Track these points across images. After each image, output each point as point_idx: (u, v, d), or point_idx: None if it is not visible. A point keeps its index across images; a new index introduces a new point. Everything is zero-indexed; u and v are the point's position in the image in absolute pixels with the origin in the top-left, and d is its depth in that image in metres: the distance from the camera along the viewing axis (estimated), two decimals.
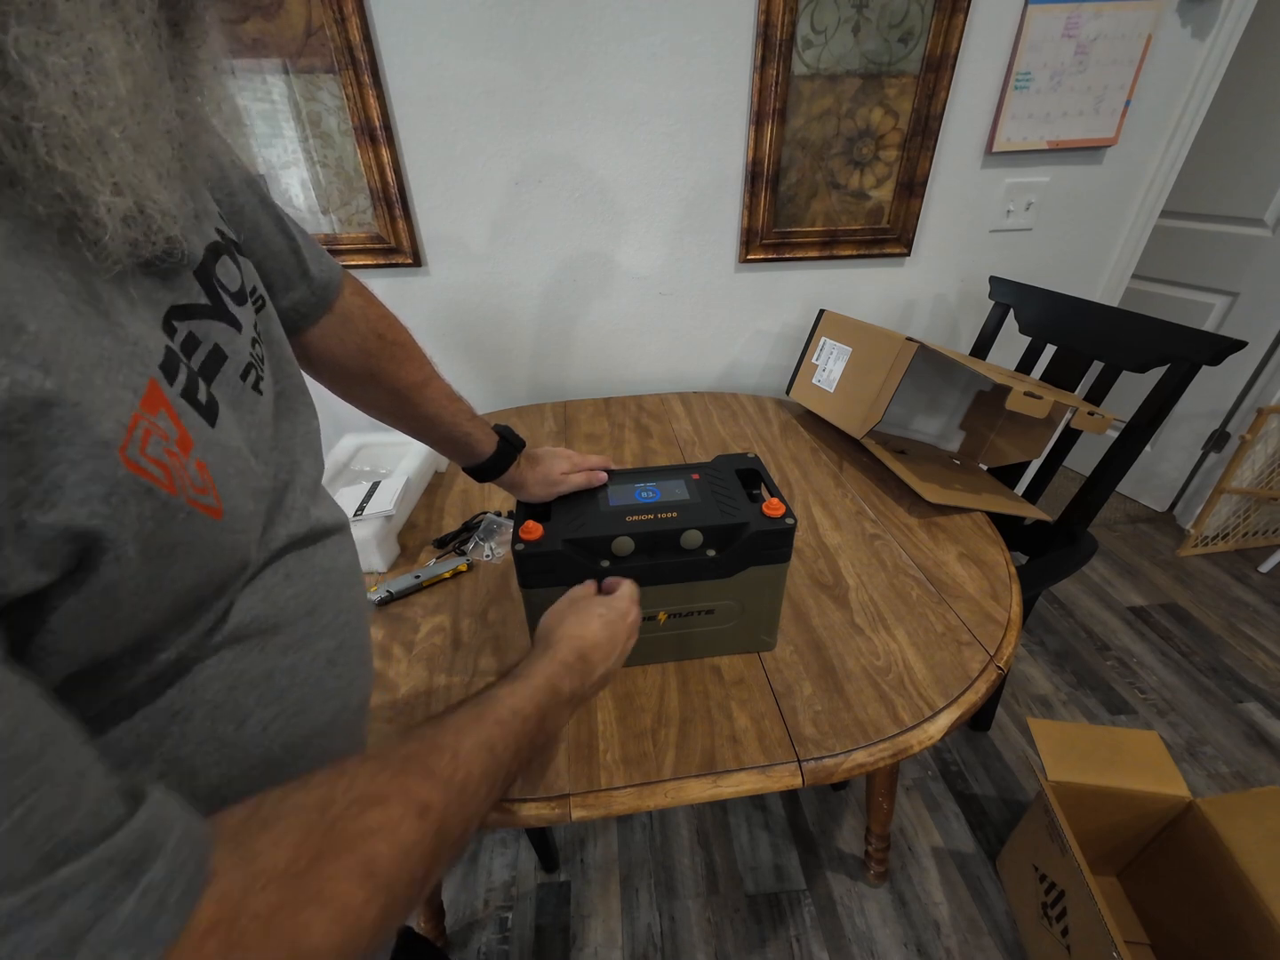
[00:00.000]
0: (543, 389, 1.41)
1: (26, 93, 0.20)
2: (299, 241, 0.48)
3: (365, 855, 0.24)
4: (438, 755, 0.30)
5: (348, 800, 0.25)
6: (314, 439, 0.43)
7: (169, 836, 0.20)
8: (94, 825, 0.19)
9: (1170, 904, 0.93)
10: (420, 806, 0.27)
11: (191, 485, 0.25)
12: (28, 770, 0.18)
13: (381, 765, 0.28)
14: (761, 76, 1.09)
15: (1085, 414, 0.89)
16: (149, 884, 0.19)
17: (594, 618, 0.47)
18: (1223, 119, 1.52)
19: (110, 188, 0.22)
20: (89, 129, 0.21)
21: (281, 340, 0.42)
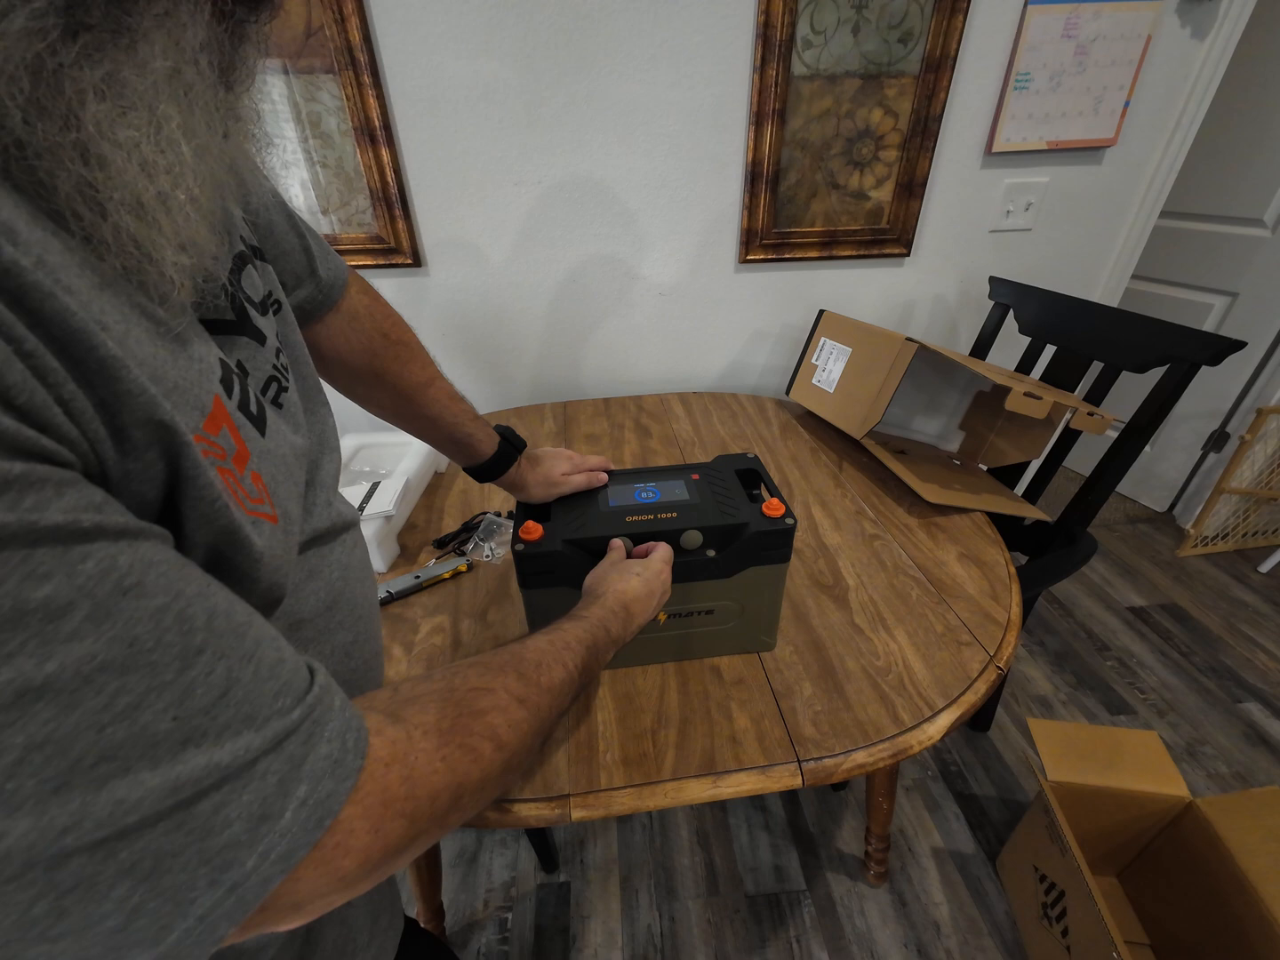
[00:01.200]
0: (542, 389, 1.41)
1: (103, 164, 0.21)
2: (309, 240, 0.48)
3: (489, 724, 0.31)
4: (526, 665, 0.37)
5: (465, 688, 0.32)
6: (331, 435, 0.44)
7: (336, 698, 0.25)
8: (296, 679, 0.24)
9: (1170, 904, 0.93)
10: (519, 697, 0.34)
11: (249, 497, 0.27)
12: (249, 634, 0.23)
13: (485, 668, 0.35)
14: (761, 77, 1.09)
15: (1085, 414, 0.89)
16: (333, 731, 0.24)
17: (633, 575, 0.52)
18: (1222, 119, 1.52)
19: (176, 246, 0.24)
20: (156, 194, 0.23)
21: (299, 343, 0.42)
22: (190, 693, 0.20)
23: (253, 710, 0.22)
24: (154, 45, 0.22)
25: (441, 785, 0.27)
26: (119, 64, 0.21)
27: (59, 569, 0.17)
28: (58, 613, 0.17)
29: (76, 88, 0.20)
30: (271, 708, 0.22)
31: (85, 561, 0.18)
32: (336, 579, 0.39)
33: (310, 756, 0.23)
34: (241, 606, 0.24)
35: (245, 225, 0.38)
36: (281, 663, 0.24)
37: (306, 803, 0.22)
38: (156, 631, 0.19)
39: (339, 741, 0.24)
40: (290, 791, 0.22)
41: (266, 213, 0.44)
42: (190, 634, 0.20)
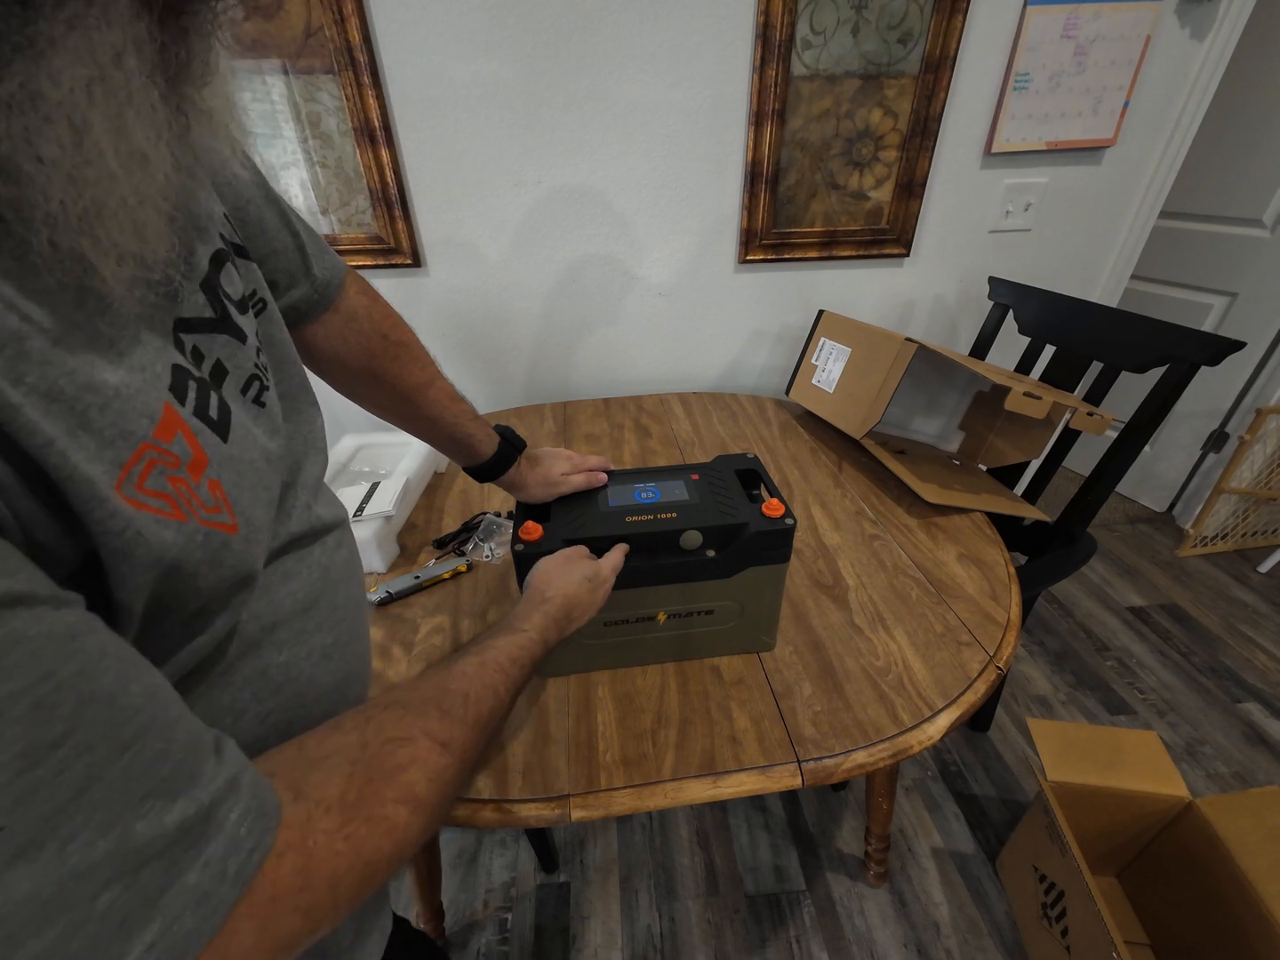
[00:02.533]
0: (542, 389, 1.41)
1: (25, 179, 0.20)
2: (304, 239, 0.48)
3: (404, 783, 0.29)
4: (451, 699, 0.34)
5: (380, 740, 0.29)
6: (317, 437, 0.43)
7: (245, 776, 0.23)
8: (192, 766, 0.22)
9: (1170, 904, 0.93)
10: (442, 743, 0.31)
11: (203, 506, 0.26)
12: (134, 720, 0.20)
13: (403, 710, 0.32)
14: (761, 77, 1.09)
15: (1084, 414, 0.89)
16: (213, 854, 0.21)
17: (580, 579, 0.52)
18: (1221, 120, 1.52)
19: (115, 257, 0.23)
20: (87, 205, 0.22)
21: (284, 342, 0.41)
22: (29, 797, 0.17)
23: (111, 817, 0.19)
24: (66, 52, 0.20)
25: (344, 867, 0.25)
26: (30, 75, 0.20)
27: None
28: None
29: None
30: (138, 812, 0.19)
31: None
32: (315, 580, 0.38)
33: (173, 888, 0.20)
34: (138, 687, 0.21)
35: (227, 223, 0.37)
36: (164, 755, 0.21)
37: (155, 946, 0.19)
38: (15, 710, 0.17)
39: (217, 868, 0.21)
40: (134, 933, 0.19)
41: (256, 209, 0.43)
42: (48, 724, 0.18)
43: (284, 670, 0.35)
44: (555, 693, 0.65)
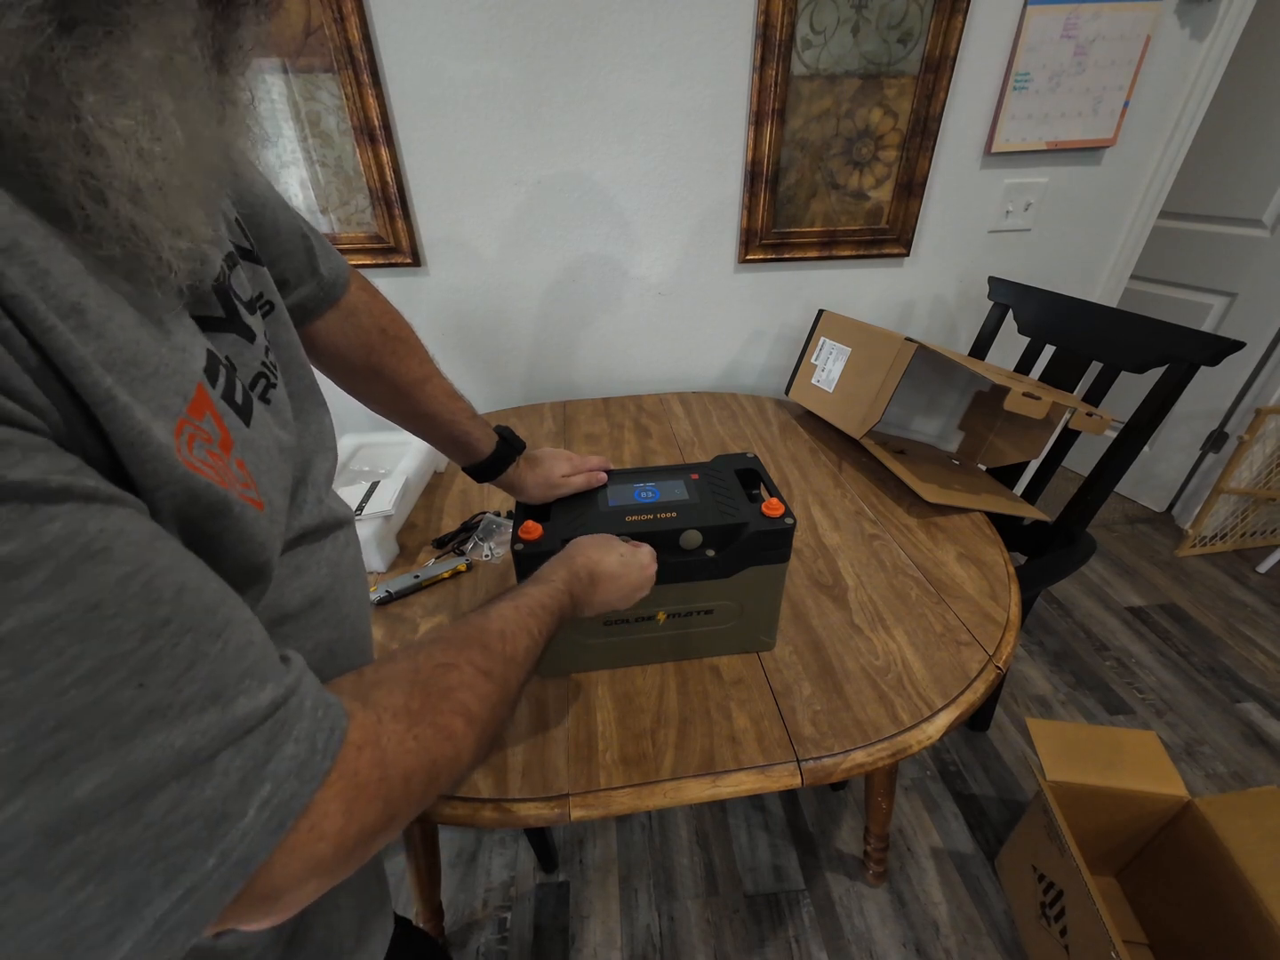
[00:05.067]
0: (542, 389, 1.41)
1: (101, 153, 0.21)
2: (312, 241, 0.49)
3: (458, 700, 0.31)
4: (489, 636, 0.37)
5: (430, 666, 0.32)
6: (326, 435, 0.44)
7: (308, 697, 0.25)
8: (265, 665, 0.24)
9: (1169, 904, 0.93)
10: (485, 671, 0.34)
11: (236, 481, 0.27)
12: (220, 612, 0.23)
13: (449, 644, 0.35)
14: (761, 77, 1.09)
15: (1084, 414, 0.89)
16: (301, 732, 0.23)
17: (614, 553, 0.52)
18: (1221, 120, 1.52)
19: (172, 231, 0.25)
20: (152, 180, 0.23)
21: (293, 344, 0.42)
22: (154, 664, 0.19)
23: (218, 688, 0.21)
24: (144, 35, 0.22)
25: (415, 765, 0.28)
26: (112, 55, 0.21)
27: (22, 527, 0.17)
28: (18, 571, 0.17)
29: (74, 80, 0.20)
30: (237, 688, 0.22)
31: (51, 522, 0.17)
32: (324, 576, 0.39)
33: (275, 757, 0.22)
34: (215, 585, 0.23)
35: (238, 226, 0.38)
36: (250, 644, 0.23)
37: (269, 803, 0.22)
38: (120, 599, 0.19)
39: (307, 743, 0.23)
40: (253, 790, 0.21)
41: (271, 212, 0.44)
42: (156, 604, 0.20)
43: None
44: (555, 692, 0.65)
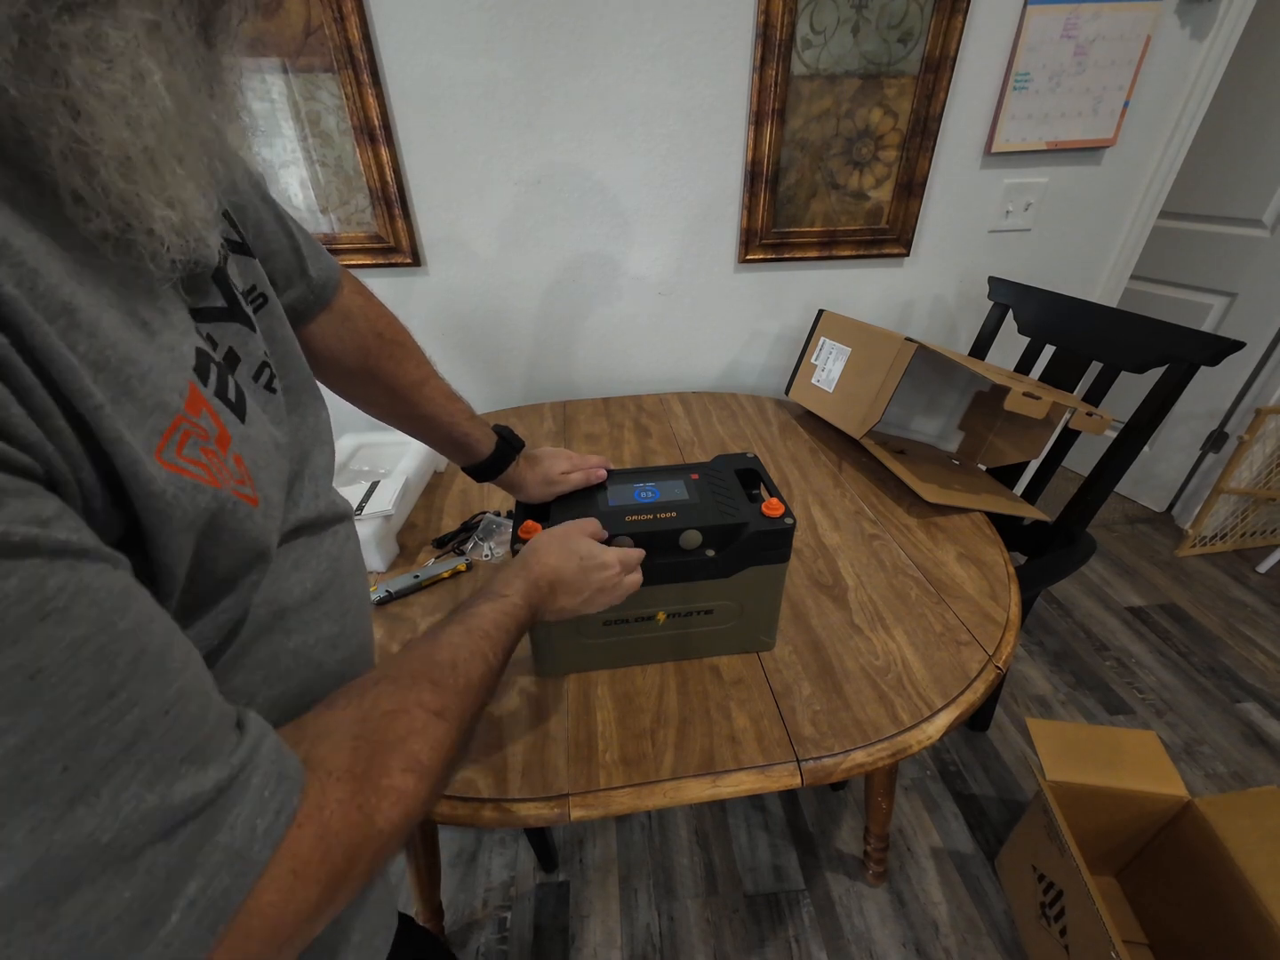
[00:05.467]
0: (542, 389, 1.41)
1: (90, 120, 0.21)
2: (299, 240, 0.48)
3: (408, 753, 0.30)
4: (440, 670, 0.35)
5: (378, 714, 0.30)
6: (323, 429, 0.43)
7: (257, 771, 0.23)
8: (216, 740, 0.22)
9: (1168, 904, 0.93)
10: (436, 712, 0.32)
11: (232, 477, 0.27)
12: (176, 682, 0.21)
13: (394, 684, 0.33)
14: (761, 77, 1.09)
15: (1084, 414, 0.89)
16: (238, 817, 0.22)
17: (574, 558, 0.50)
18: (1221, 120, 1.52)
19: (164, 202, 0.24)
20: (142, 148, 0.23)
21: (287, 338, 0.42)
22: (90, 741, 0.18)
23: (157, 771, 0.19)
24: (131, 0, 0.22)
25: (360, 839, 0.26)
26: (99, 19, 0.21)
27: None
28: None
29: (60, 43, 0.20)
30: (177, 772, 0.20)
31: (7, 579, 0.16)
32: (325, 570, 0.38)
33: (206, 846, 0.20)
34: (180, 651, 0.22)
35: (225, 219, 0.38)
36: (202, 719, 0.22)
37: (196, 903, 0.20)
38: (67, 665, 0.17)
39: (245, 830, 0.21)
40: (179, 890, 0.19)
41: (255, 211, 0.43)
42: (108, 672, 0.19)
43: (294, 656, 0.35)
44: (555, 692, 0.65)
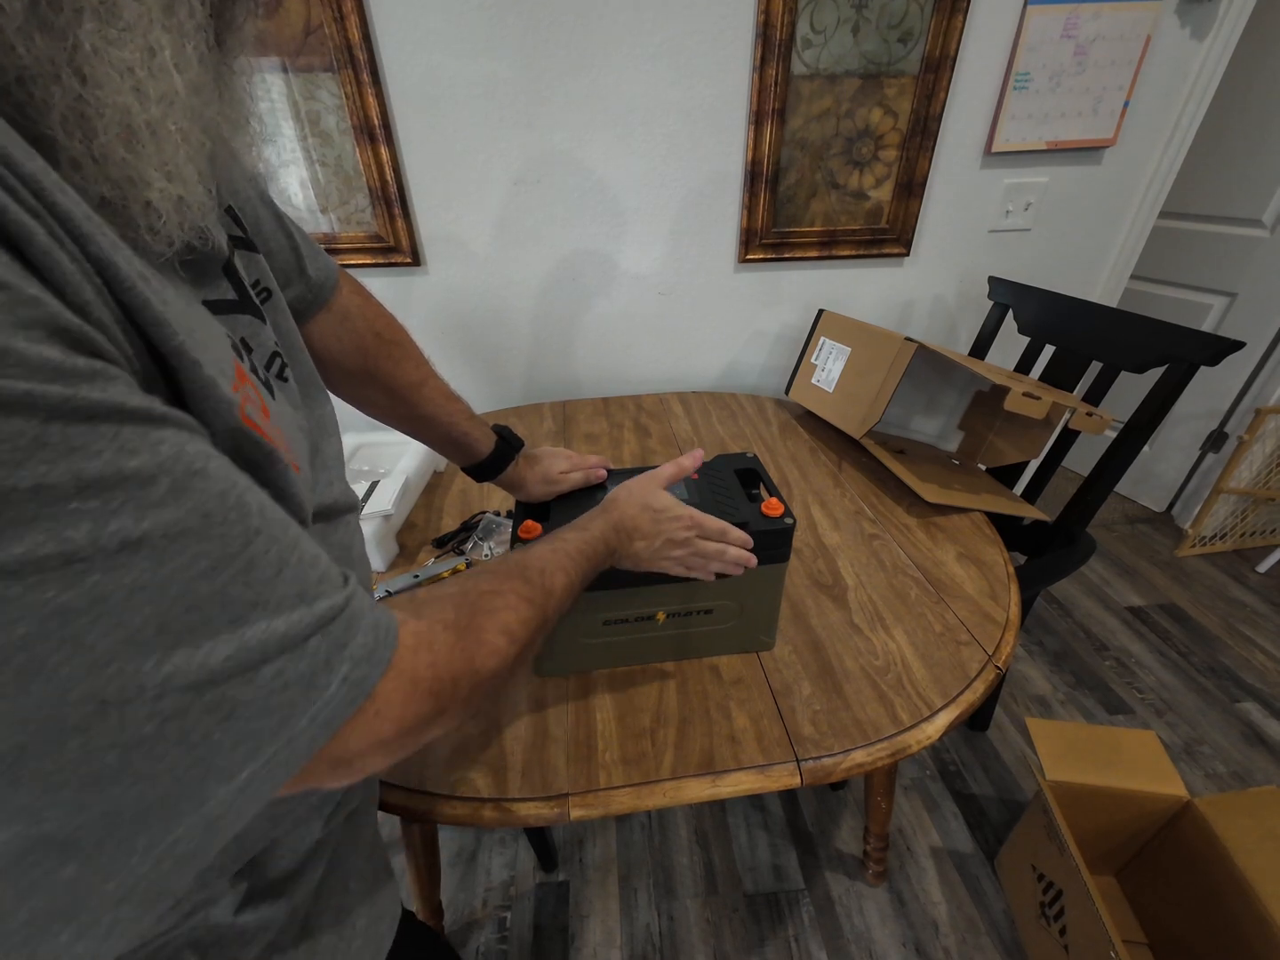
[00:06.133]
0: (541, 389, 1.41)
1: (98, 84, 0.22)
2: (297, 240, 0.48)
3: (501, 621, 0.35)
4: (531, 571, 0.41)
5: (478, 592, 0.36)
6: (329, 420, 0.44)
7: (366, 599, 0.28)
8: (332, 572, 0.27)
9: (1168, 903, 0.93)
10: (527, 598, 0.38)
11: (280, 440, 0.29)
12: (290, 528, 0.25)
13: (494, 575, 0.39)
14: (761, 76, 1.09)
15: (1084, 414, 0.89)
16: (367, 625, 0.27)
17: (648, 512, 0.53)
18: (1221, 120, 1.52)
19: (164, 174, 0.25)
20: (146, 120, 0.24)
21: (292, 331, 0.42)
22: (254, 565, 0.22)
23: (302, 589, 0.24)
24: None
25: (462, 671, 0.31)
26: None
27: (144, 446, 0.20)
28: (146, 482, 0.19)
29: (74, 6, 0.21)
30: (317, 590, 0.25)
31: (162, 444, 0.20)
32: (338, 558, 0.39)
33: (351, 643, 0.26)
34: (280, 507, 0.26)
35: (228, 215, 0.38)
36: (319, 556, 0.26)
37: (348, 680, 0.25)
38: (222, 510, 0.22)
39: (372, 634, 0.27)
40: (334, 669, 0.25)
41: (254, 210, 0.44)
42: (248, 517, 0.23)
43: None
44: (555, 692, 0.65)
